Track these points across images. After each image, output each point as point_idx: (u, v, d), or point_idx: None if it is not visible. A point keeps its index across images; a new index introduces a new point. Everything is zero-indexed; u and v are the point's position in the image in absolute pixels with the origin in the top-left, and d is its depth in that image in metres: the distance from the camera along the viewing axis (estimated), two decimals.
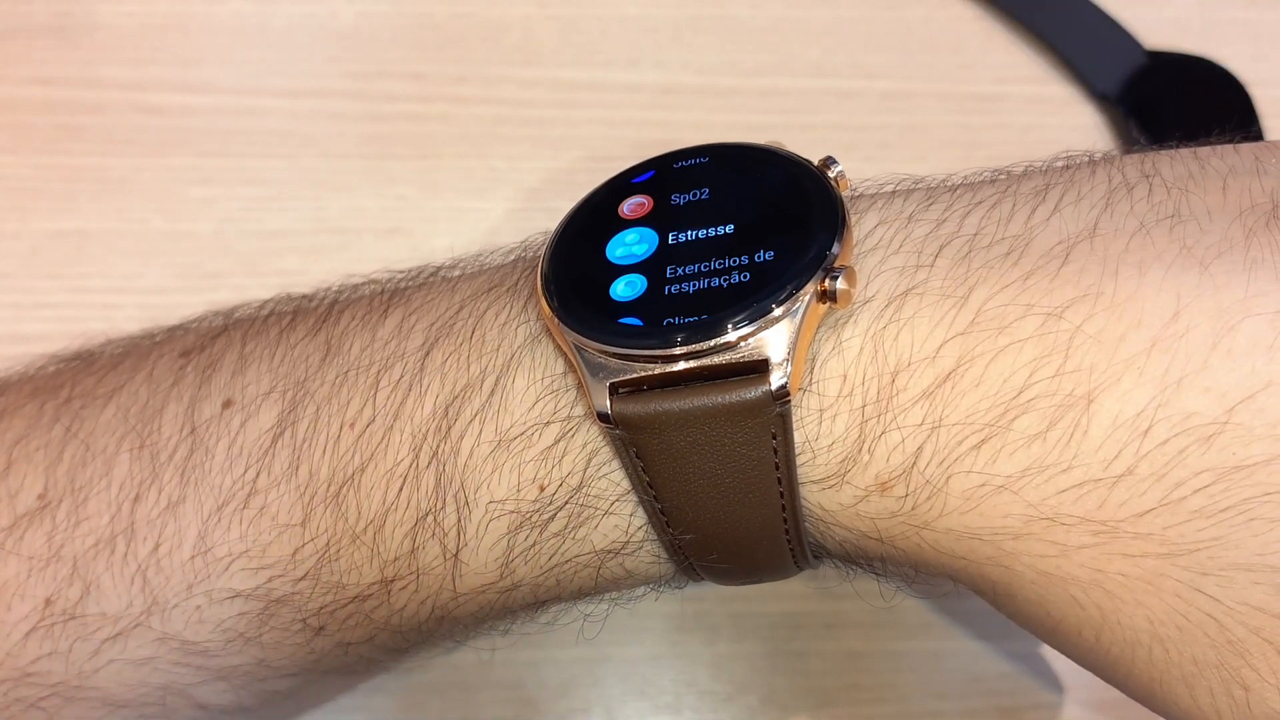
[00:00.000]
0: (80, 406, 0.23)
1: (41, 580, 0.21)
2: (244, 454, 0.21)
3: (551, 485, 0.20)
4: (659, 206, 0.21)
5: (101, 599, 0.21)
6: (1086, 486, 0.17)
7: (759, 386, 0.18)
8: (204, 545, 0.21)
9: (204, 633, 0.22)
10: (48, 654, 0.22)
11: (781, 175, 0.20)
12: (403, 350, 0.21)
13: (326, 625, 0.22)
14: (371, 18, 0.37)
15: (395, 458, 0.20)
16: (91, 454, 0.22)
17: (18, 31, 0.36)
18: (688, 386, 0.18)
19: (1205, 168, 0.19)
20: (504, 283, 0.22)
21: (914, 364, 0.18)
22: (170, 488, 0.21)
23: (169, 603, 0.21)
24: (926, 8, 0.38)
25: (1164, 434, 0.17)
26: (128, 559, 0.21)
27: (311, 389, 0.21)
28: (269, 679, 0.23)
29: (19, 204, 0.34)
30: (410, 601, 0.22)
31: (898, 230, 0.20)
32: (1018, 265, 0.18)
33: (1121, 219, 0.18)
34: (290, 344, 0.22)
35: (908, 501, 0.19)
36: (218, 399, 0.22)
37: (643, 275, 0.19)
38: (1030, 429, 0.17)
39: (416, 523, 0.21)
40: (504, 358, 0.20)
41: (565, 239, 0.21)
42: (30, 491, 0.22)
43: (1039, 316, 0.17)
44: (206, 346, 0.23)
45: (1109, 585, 0.18)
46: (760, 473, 0.19)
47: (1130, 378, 0.17)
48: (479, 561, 0.21)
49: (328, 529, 0.21)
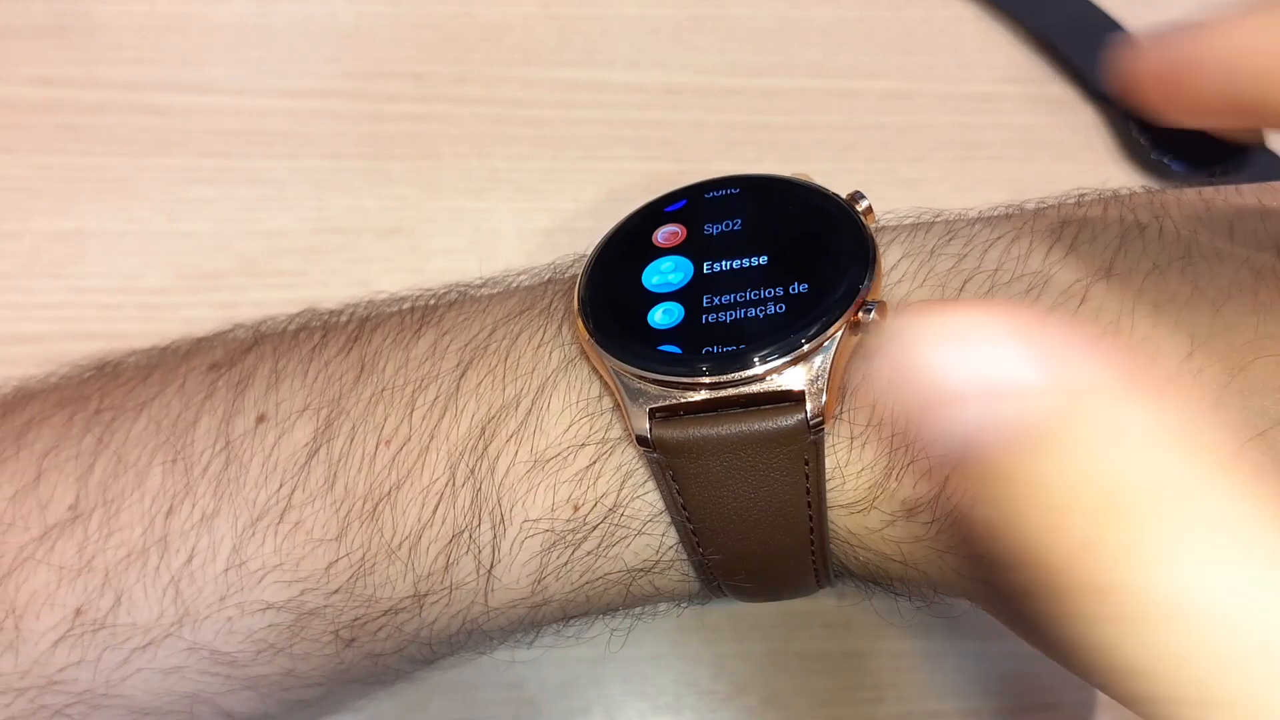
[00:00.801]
0: (111, 418, 0.23)
1: (72, 590, 0.21)
2: (279, 469, 0.21)
3: (586, 505, 0.21)
4: (692, 236, 0.21)
5: (133, 609, 0.21)
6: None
7: (794, 415, 0.18)
8: (238, 558, 0.21)
9: (234, 643, 0.22)
10: (76, 662, 0.22)
11: (811, 208, 0.21)
12: (437, 371, 0.22)
13: (358, 637, 0.22)
14: (371, 18, 0.37)
15: (431, 475, 0.21)
16: (124, 465, 0.22)
17: (18, 31, 0.36)
18: (725, 413, 0.19)
19: (1211, 209, 0.20)
20: (536, 305, 0.22)
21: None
22: (204, 501, 0.21)
23: (201, 614, 0.21)
24: (926, 8, 0.38)
25: None
26: (160, 570, 0.21)
27: (346, 407, 0.22)
28: (295, 688, 0.23)
29: (19, 204, 0.34)
30: (442, 615, 0.22)
31: (921, 264, 0.20)
32: (1038, 302, 0.19)
33: (1135, 259, 0.19)
34: (323, 361, 0.22)
35: (933, 527, 0.19)
36: (251, 414, 0.22)
37: (679, 304, 0.20)
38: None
39: (452, 539, 0.21)
40: (539, 380, 0.21)
41: (601, 265, 0.21)
42: (61, 502, 0.22)
43: None
44: (237, 361, 0.23)
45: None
46: (792, 497, 0.19)
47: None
48: (512, 578, 0.21)
49: (363, 544, 0.21)
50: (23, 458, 0.22)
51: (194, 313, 0.33)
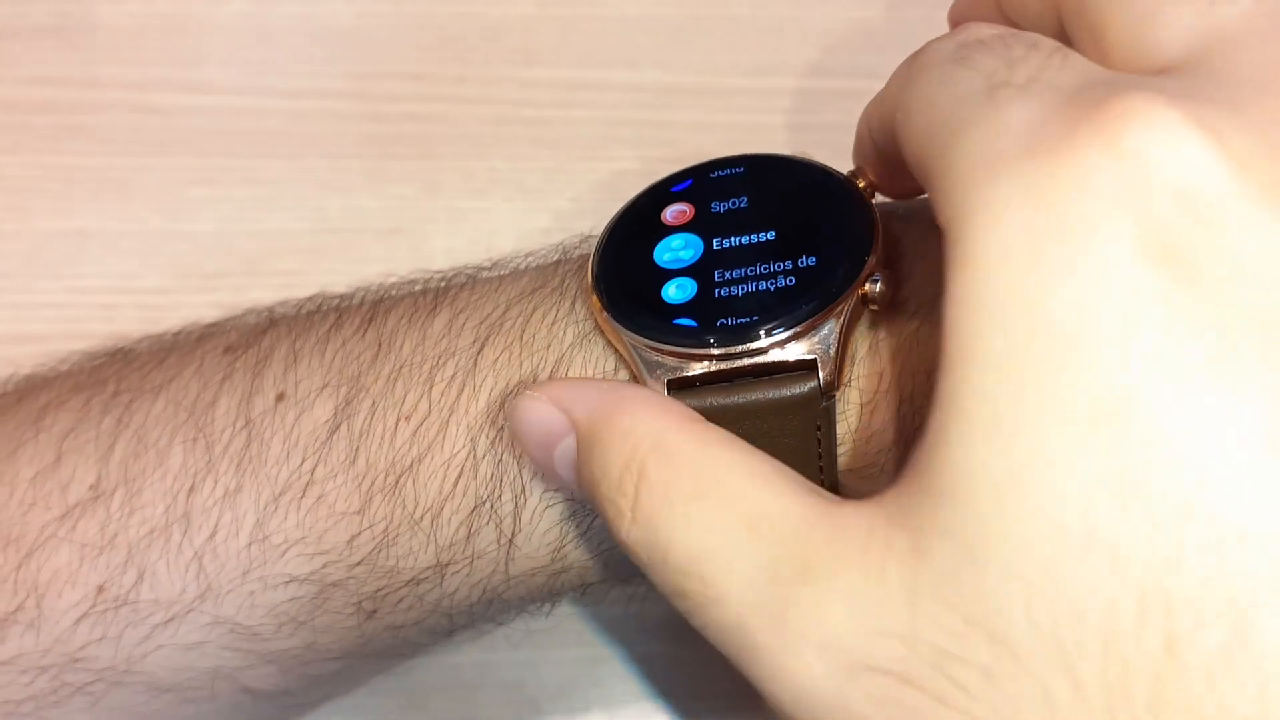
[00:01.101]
0: (130, 400, 0.23)
1: (94, 568, 0.22)
2: (300, 446, 0.22)
3: None
4: (700, 214, 0.22)
5: (156, 585, 0.22)
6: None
7: (807, 383, 0.19)
8: (261, 533, 0.22)
9: (257, 616, 0.22)
10: (98, 639, 0.22)
11: (814, 184, 0.22)
12: (454, 348, 0.22)
13: (379, 609, 0.23)
14: (371, 18, 0.37)
15: (452, 449, 0.21)
16: (144, 445, 0.22)
17: (17, 32, 0.36)
18: (739, 382, 0.20)
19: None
20: (548, 284, 0.23)
21: None
22: (226, 478, 0.22)
23: (224, 588, 0.22)
24: (926, 8, 0.38)
25: None
26: (183, 546, 0.22)
27: (366, 384, 0.22)
28: (316, 661, 0.24)
29: (19, 204, 0.34)
30: (463, 585, 0.23)
31: (919, 237, 0.21)
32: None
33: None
34: (340, 341, 0.23)
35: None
36: (270, 393, 0.22)
37: (692, 279, 0.21)
38: None
39: (474, 510, 0.22)
40: (555, 356, 0.22)
41: (612, 243, 0.22)
42: (82, 482, 0.22)
43: None
44: (253, 343, 0.23)
45: None
46: (804, 462, 0.20)
47: None
48: (532, 546, 0.22)
49: (386, 516, 0.22)
50: (42, 440, 0.23)
51: (194, 313, 0.33)
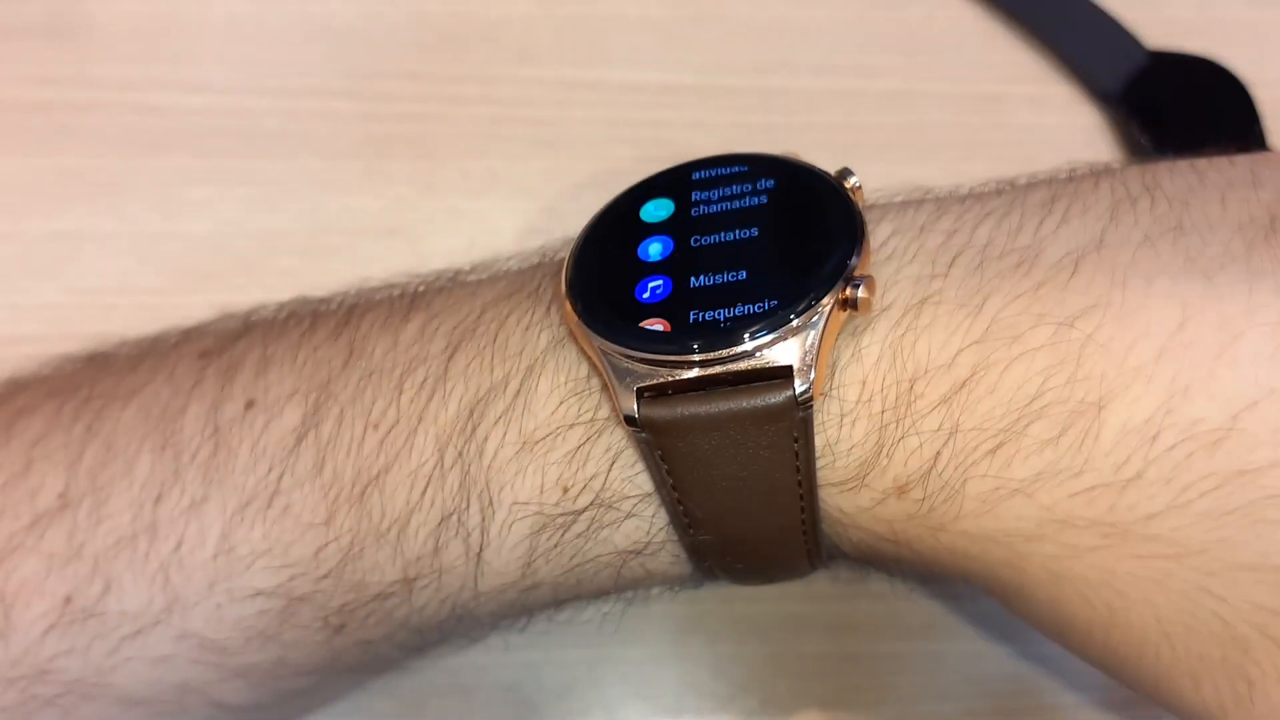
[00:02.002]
0: (101, 406, 0.23)
1: (61, 578, 0.21)
2: (267, 454, 0.21)
3: (575, 487, 0.20)
4: (680, 212, 0.21)
5: (122, 596, 0.21)
6: (1098, 490, 0.18)
7: (783, 392, 0.18)
8: (227, 544, 0.21)
9: (224, 630, 0.22)
10: (66, 651, 0.21)
11: (800, 185, 0.21)
12: (426, 353, 0.21)
13: (347, 624, 0.22)
14: (370, 18, 0.37)
15: (420, 458, 0.21)
16: (113, 453, 0.22)
17: (13, 31, 0.35)
18: (713, 391, 0.19)
19: (1204, 180, 0.20)
20: (525, 287, 0.22)
21: (931, 371, 0.19)
22: (193, 487, 0.21)
23: (190, 601, 0.21)
24: (927, 8, 0.38)
25: (1171, 440, 0.17)
26: (149, 557, 0.21)
27: (335, 391, 0.21)
28: (286, 677, 0.23)
29: (15, 204, 0.34)
30: (431, 600, 0.22)
31: (911, 240, 0.20)
32: (1029, 276, 0.19)
33: (1127, 230, 0.19)
34: (312, 346, 0.22)
35: (924, 504, 0.19)
36: (240, 399, 0.22)
37: (666, 278, 0.20)
38: (1044, 434, 0.18)
39: (440, 522, 0.21)
40: (527, 361, 0.21)
41: (588, 244, 0.21)
42: (51, 490, 0.22)
43: (1051, 325, 0.18)
44: (227, 348, 0.23)
45: (1118, 585, 0.18)
46: (782, 476, 0.19)
47: (1139, 385, 0.17)
48: (501, 561, 0.21)
49: (352, 528, 0.21)
50: (13, 446, 0.22)
51: (191, 313, 0.33)
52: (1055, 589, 0.19)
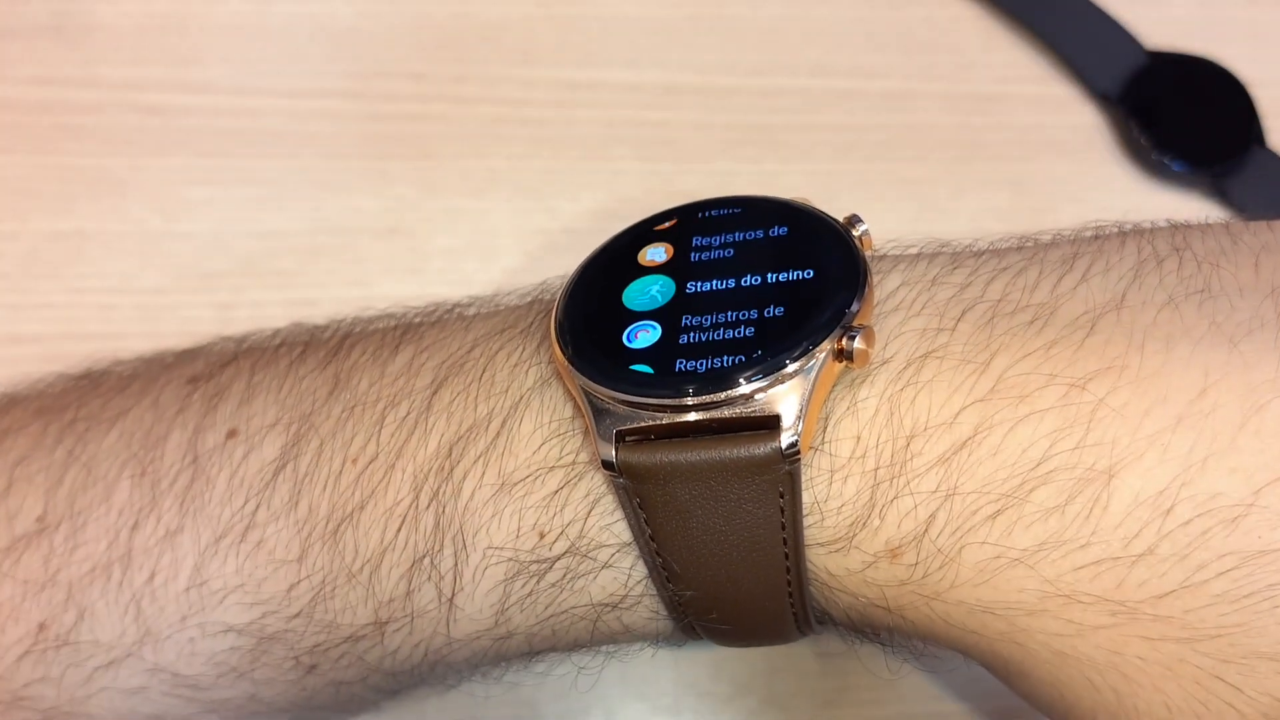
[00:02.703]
0: (85, 429, 0.22)
1: (36, 604, 0.21)
2: (245, 485, 0.21)
3: (551, 533, 0.20)
4: (679, 256, 0.20)
5: (95, 626, 0.21)
6: (1105, 564, 0.17)
7: (768, 443, 0.17)
8: (199, 577, 0.21)
9: (196, 665, 0.21)
10: (40, 679, 0.21)
11: (805, 230, 0.20)
12: (411, 388, 0.21)
13: (319, 664, 0.22)
14: (371, 18, 0.37)
15: (395, 496, 0.20)
16: (93, 478, 0.22)
17: (16, 31, 0.35)
18: (695, 439, 0.18)
19: (1237, 243, 0.19)
20: (518, 324, 0.22)
21: (930, 429, 0.18)
22: (169, 517, 0.21)
23: (162, 634, 0.21)
24: (926, 8, 0.38)
25: (1187, 514, 0.16)
26: (123, 587, 0.21)
27: (316, 423, 0.21)
28: (260, 714, 0.23)
29: (17, 204, 0.34)
30: (404, 644, 0.21)
31: (920, 292, 0.19)
32: (1041, 334, 0.18)
33: (1150, 292, 0.18)
34: (299, 376, 0.22)
35: (918, 570, 0.18)
36: (222, 429, 0.22)
37: (657, 323, 0.19)
38: (1048, 502, 0.17)
39: (413, 564, 0.20)
40: (512, 400, 0.20)
41: (582, 283, 0.21)
42: (29, 514, 0.22)
43: (1062, 387, 0.17)
44: (215, 374, 0.23)
45: (1126, 669, 0.17)
46: (765, 532, 0.18)
47: (1154, 454, 0.16)
48: (474, 607, 0.21)
49: (324, 566, 0.21)
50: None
51: (192, 313, 0.33)
52: (1058, 669, 0.18)
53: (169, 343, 0.32)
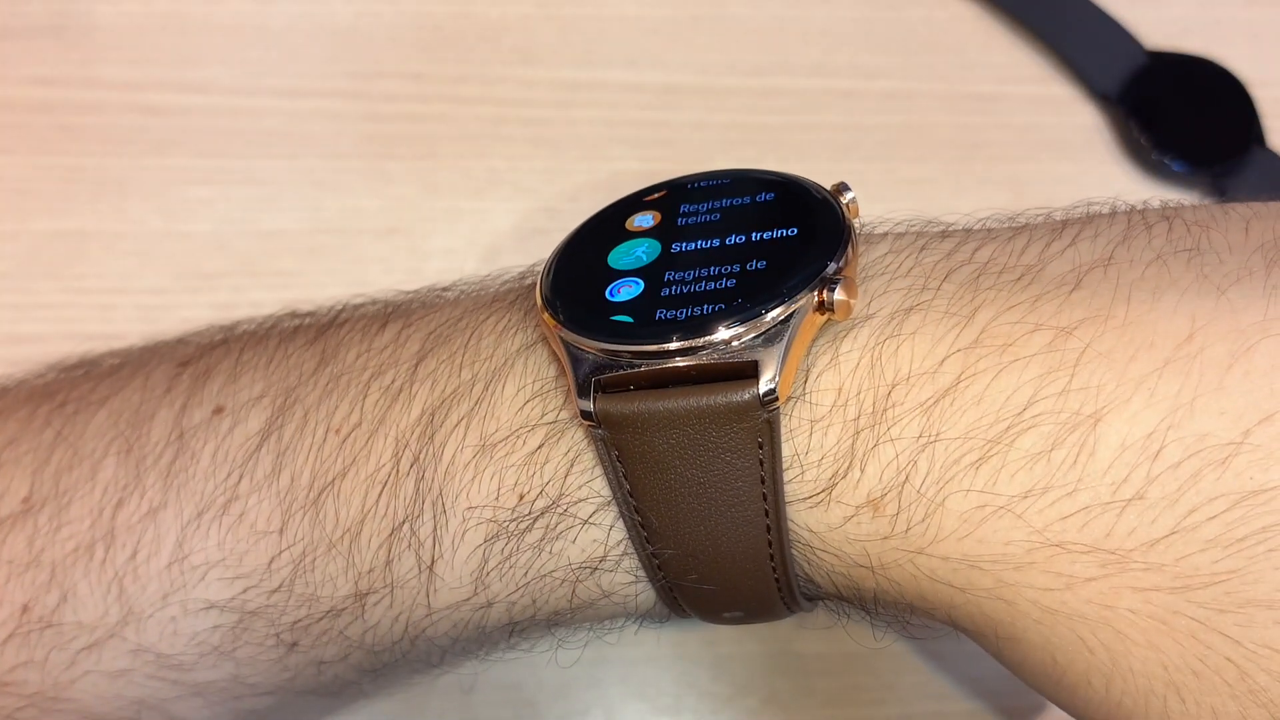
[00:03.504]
0: (74, 411, 0.22)
1: (20, 586, 0.21)
2: (229, 459, 0.21)
3: (531, 493, 0.20)
4: (666, 221, 0.21)
5: (78, 607, 0.21)
6: (1094, 511, 0.16)
7: (747, 389, 0.17)
8: (181, 553, 0.21)
9: (178, 645, 0.21)
10: (24, 663, 0.21)
11: (791, 196, 0.20)
12: (397, 358, 0.21)
13: (300, 641, 0.22)
14: (370, 17, 0.37)
15: (377, 463, 0.20)
16: (79, 458, 0.22)
17: (16, 31, 0.35)
18: (674, 388, 0.18)
19: (1229, 213, 0.19)
20: (506, 297, 0.22)
21: (913, 378, 0.18)
22: (153, 493, 0.21)
23: (144, 613, 0.21)
24: (926, 8, 0.38)
25: (1176, 456, 0.16)
26: (105, 565, 0.21)
27: (301, 395, 0.21)
28: (244, 696, 0.23)
29: (17, 204, 0.34)
30: (384, 618, 0.21)
31: (907, 257, 0.19)
32: (1027, 290, 0.18)
33: (1138, 250, 0.18)
34: (286, 353, 0.22)
35: (900, 521, 0.18)
36: (209, 405, 0.22)
37: (640, 279, 0.19)
38: (1034, 448, 0.17)
39: (393, 532, 0.20)
40: (497, 364, 0.20)
41: (570, 248, 0.21)
42: (15, 494, 0.22)
43: (1047, 333, 0.17)
44: (204, 356, 0.23)
45: (1118, 624, 0.17)
46: (744, 483, 0.18)
47: (1141, 398, 0.16)
48: (454, 575, 0.20)
49: (304, 536, 0.21)
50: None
51: (192, 313, 0.33)
52: (1049, 629, 0.17)
53: None
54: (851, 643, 0.31)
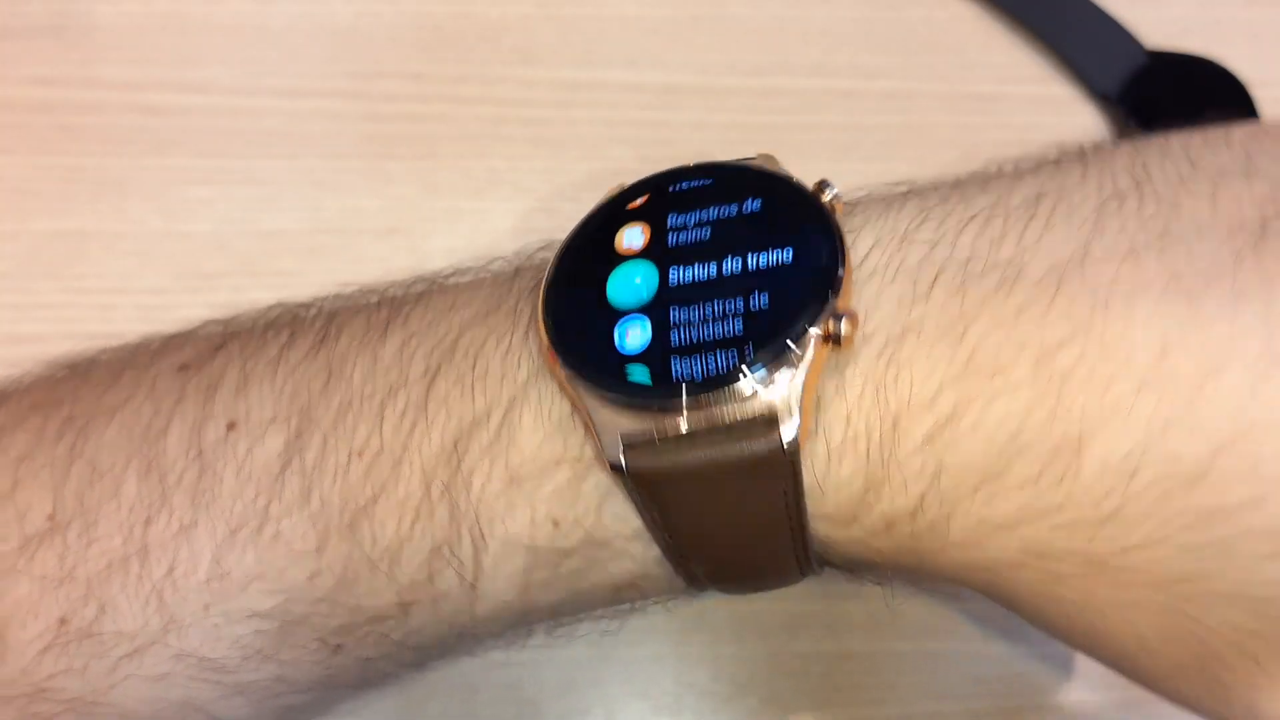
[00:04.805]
0: (84, 424, 0.22)
1: (55, 600, 0.21)
2: (253, 480, 0.21)
3: (565, 523, 0.20)
4: (656, 238, 0.20)
5: (118, 618, 0.21)
6: (1078, 525, 0.18)
7: (769, 438, 0.18)
8: (219, 569, 0.21)
9: (221, 649, 0.22)
10: (63, 670, 0.21)
11: (778, 205, 0.20)
12: (405, 378, 0.21)
13: (345, 644, 0.22)
14: (370, 18, 0.37)
15: (406, 489, 0.21)
16: (98, 474, 0.22)
17: (15, 31, 0.35)
18: (698, 439, 0.18)
19: (1196, 168, 0.19)
20: (502, 305, 0.22)
21: (914, 408, 0.18)
22: (181, 511, 0.21)
23: (186, 621, 0.21)
24: (926, 8, 0.38)
25: (1150, 476, 0.17)
26: (142, 579, 0.21)
27: (316, 417, 0.21)
28: (286, 694, 0.23)
29: (17, 204, 0.34)
30: (429, 623, 0.22)
31: (892, 254, 0.20)
32: (1010, 297, 0.18)
33: (1113, 238, 0.19)
34: (290, 365, 0.22)
35: (911, 538, 0.20)
36: (221, 420, 0.22)
37: (646, 318, 0.19)
38: (1025, 472, 0.18)
39: (432, 551, 0.21)
40: (509, 392, 0.20)
41: (562, 275, 0.21)
42: (39, 511, 0.22)
43: (1032, 357, 0.18)
44: (205, 363, 0.23)
45: (1098, 606, 0.19)
46: (772, 515, 0.19)
47: (1119, 420, 0.17)
48: (497, 590, 0.21)
49: (344, 555, 0.21)
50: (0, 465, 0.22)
51: (192, 313, 0.33)
52: (1040, 605, 0.20)
53: None
54: (852, 642, 0.31)
